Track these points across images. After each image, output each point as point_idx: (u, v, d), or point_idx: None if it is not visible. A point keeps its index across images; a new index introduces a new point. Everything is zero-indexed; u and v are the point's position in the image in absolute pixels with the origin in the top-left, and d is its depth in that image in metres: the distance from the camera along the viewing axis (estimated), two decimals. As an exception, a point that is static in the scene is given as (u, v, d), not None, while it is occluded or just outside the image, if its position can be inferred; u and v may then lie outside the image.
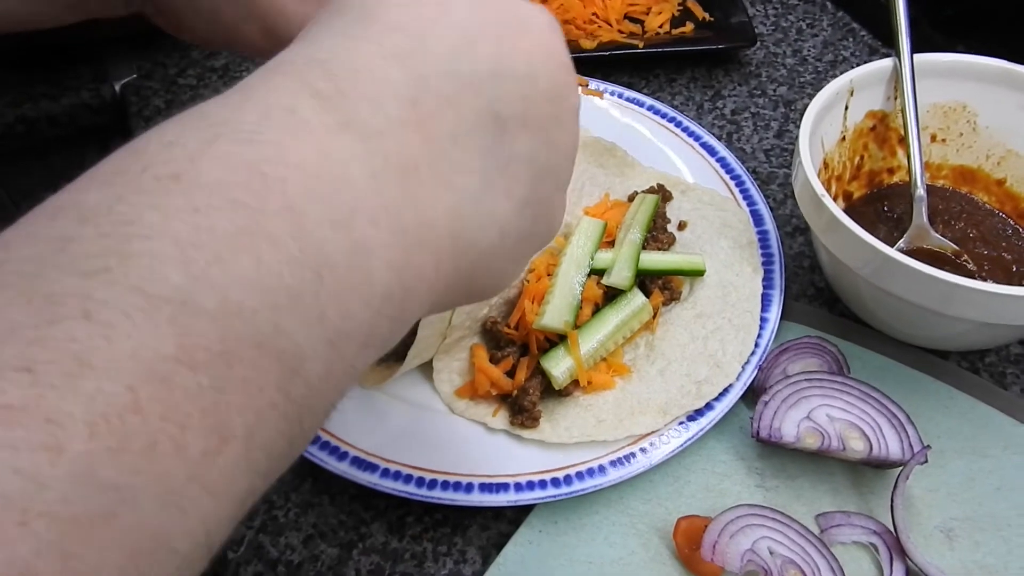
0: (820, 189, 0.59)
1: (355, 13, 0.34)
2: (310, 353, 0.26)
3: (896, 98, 0.69)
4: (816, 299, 0.69)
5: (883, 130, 0.70)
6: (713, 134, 0.82)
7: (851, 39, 0.92)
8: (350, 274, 0.28)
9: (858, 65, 0.88)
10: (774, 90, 0.87)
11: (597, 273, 0.64)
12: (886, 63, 0.68)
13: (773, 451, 0.59)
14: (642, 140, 0.77)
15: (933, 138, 0.71)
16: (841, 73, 0.87)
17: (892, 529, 0.55)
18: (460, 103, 0.33)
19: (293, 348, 0.26)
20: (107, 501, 0.21)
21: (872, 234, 0.67)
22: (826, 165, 0.67)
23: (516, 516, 0.57)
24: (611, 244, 0.66)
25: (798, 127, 0.64)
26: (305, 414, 0.27)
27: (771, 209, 0.74)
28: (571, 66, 0.39)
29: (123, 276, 0.23)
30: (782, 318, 0.65)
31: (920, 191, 0.66)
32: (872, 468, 0.58)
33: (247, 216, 0.25)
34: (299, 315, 0.26)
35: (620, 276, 0.63)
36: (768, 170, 0.79)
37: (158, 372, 0.22)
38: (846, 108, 0.67)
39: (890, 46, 0.90)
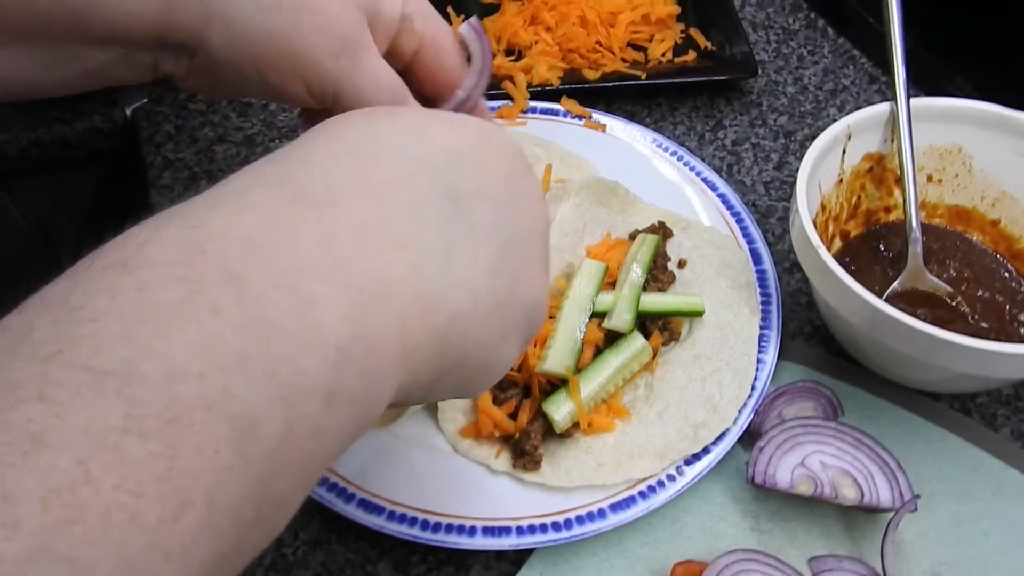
0: (816, 239, 0.60)
1: (310, 133, 0.37)
2: (263, 413, 0.27)
3: (893, 140, 0.70)
4: (813, 336, 0.71)
5: (880, 171, 0.71)
6: (714, 165, 0.83)
7: (852, 67, 0.93)
8: (300, 331, 0.29)
9: (858, 94, 0.89)
10: (775, 120, 0.88)
11: (598, 316, 0.65)
12: (883, 107, 0.69)
13: (768, 494, 0.61)
14: (644, 175, 0.78)
15: (929, 178, 0.72)
16: (841, 102, 0.89)
17: (882, 573, 0.56)
18: (413, 178, 0.35)
19: (245, 408, 0.27)
20: (63, 572, 0.22)
21: (868, 273, 0.70)
22: (823, 207, 0.69)
23: (518, 557, 0.59)
24: (612, 285, 0.68)
25: (798, 159, 0.65)
26: (272, 476, 0.28)
27: (770, 244, 0.75)
28: (524, 155, 0.42)
29: (74, 357, 0.25)
30: (779, 358, 0.67)
31: (915, 234, 0.67)
32: (864, 512, 0.60)
33: (188, 290, 0.27)
34: (248, 375, 0.27)
35: (621, 320, 0.64)
36: (767, 203, 0.81)
37: (107, 443, 0.23)
38: (843, 152, 0.69)
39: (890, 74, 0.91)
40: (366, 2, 0.48)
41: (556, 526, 0.58)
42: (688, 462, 0.61)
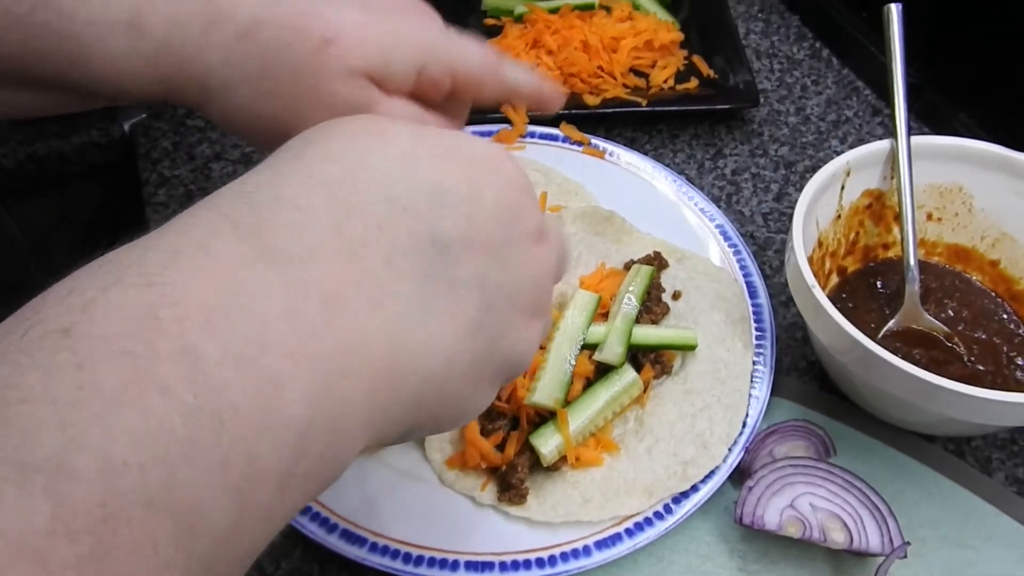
0: (810, 279, 0.60)
1: (295, 148, 0.35)
2: (211, 504, 0.25)
3: (893, 177, 0.69)
4: (807, 372, 0.70)
5: (879, 208, 0.71)
6: (713, 195, 0.83)
7: (855, 98, 0.93)
8: (257, 414, 0.27)
9: (860, 126, 0.89)
10: (775, 150, 0.87)
11: (589, 347, 0.65)
12: (884, 144, 0.68)
13: (756, 534, 0.60)
14: (641, 203, 0.78)
15: (929, 216, 0.71)
16: (843, 134, 0.88)
17: (869, 620, 0.56)
18: (393, 227, 0.33)
19: (190, 502, 0.25)
20: None
21: (865, 310, 0.69)
22: (820, 243, 0.68)
23: (500, 592, 0.58)
24: (605, 315, 0.67)
25: (798, 190, 0.65)
26: (216, 562, 0.26)
27: (767, 277, 0.75)
28: (526, 186, 0.39)
29: None
30: (772, 394, 0.66)
31: (913, 273, 0.66)
32: (853, 556, 0.59)
33: (134, 366, 0.24)
34: (195, 466, 0.25)
35: (612, 352, 0.64)
36: (766, 235, 0.80)
37: (30, 548, 0.21)
38: (842, 188, 0.68)
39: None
40: (374, 67, 0.45)
41: (540, 562, 0.57)
42: (676, 500, 0.60)
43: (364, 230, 0.32)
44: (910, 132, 0.68)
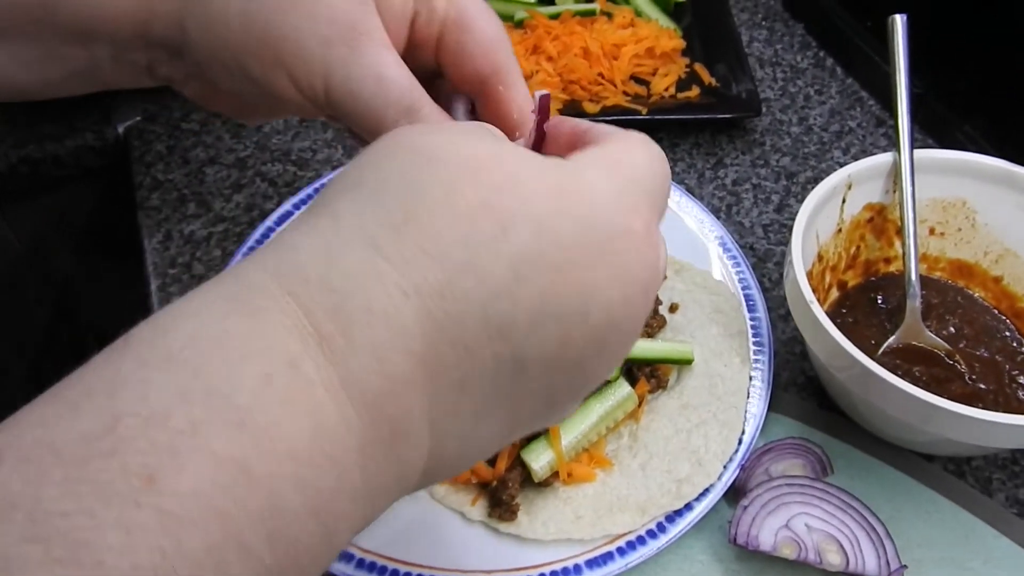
0: (808, 294, 0.58)
1: (389, 206, 0.29)
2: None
3: (895, 191, 0.68)
4: (806, 388, 0.69)
5: (881, 222, 0.69)
6: (712, 205, 0.82)
7: (859, 108, 0.92)
8: (315, 552, 0.27)
9: (864, 137, 0.88)
10: (777, 160, 0.86)
11: (584, 361, 0.64)
12: (885, 157, 0.67)
13: (751, 554, 0.59)
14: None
15: (932, 231, 0.70)
16: (846, 144, 0.87)
17: (865, 645, 0.54)
18: (481, 351, 0.29)
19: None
20: None
21: (865, 326, 0.68)
22: (820, 257, 0.67)
23: (489, 610, 0.57)
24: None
25: (799, 202, 0.63)
26: None
27: (766, 290, 0.73)
28: (650, 286, 0.33)
29: None
30: (770, 410, 0.65)
31: (914, 289, 0.65)
32: (849, 577, 0.58)
33: (222, 528, 0.23)
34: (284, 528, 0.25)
35: (606, 367, 0.63)
36: (765, 247, 0.79)
37: None
38: (843, 201, 0.67)
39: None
40: None
41: (529, 581, 0.56)
42: (670, 518, 0.59)
43: (450, 352, 0.29)
44: (913, 144, 0.66)
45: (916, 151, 0.67)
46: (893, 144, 0.67)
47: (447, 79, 0.47)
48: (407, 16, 0.43)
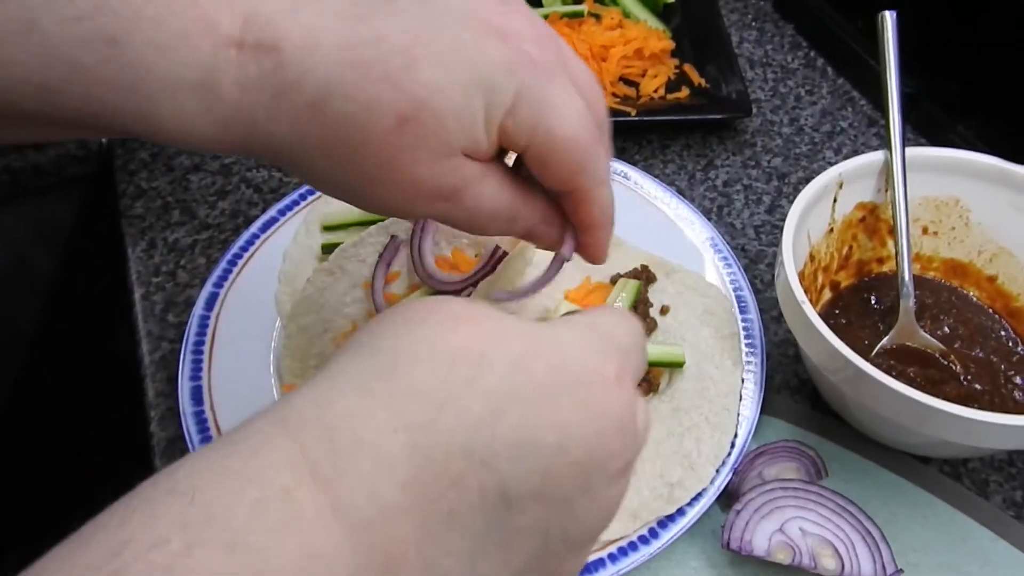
0: (800, 295, 0.57)
1: (381, 359, 0.32)
2: None
3: (887, 190, 0.67)
4: (799, 390, 0.68)
5: (873, 221, 0.68)
6: (703, 207, 0.81)
7: (850, 108, 0.91)
8: None
9: (855, 137, 0.87)
10: (768, 161, 0.85)
11: (573, 365, 0.62)
12: (877, 156, 0.66)
13: (745, 559, 0.58)
14: (629, 215, 0.75)
15: (925, 230, 0.69)
16: (838, 145, 0.86)
17: (861, 651, 0.53)
18: (466, 482, 0.31)
19: None
20: None
21: (859, 327, 0.67)
22: (812, 258, 0.66)
23: (478, 621, 0.56)
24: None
25: (791, 203, 0.62)
26: None
27: (758, 291, 0.73)
28: (627, 424, 0.34)
29: None
30: (762, 412, 0.64)
31: (907, 289, 0.64)
32: (845, 582, 0.57)
33: None
34: None
35: (596, 371, 0.62)
36: (757, 248, 0.78)
37: None
38: (834, 200, 0.66)
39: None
40: (464, 143, 0.40)
41: (518, 590, 0.55)
42: (662, 523, 0.58)
43: (436, 487, 0.30)
44: (905, 143, 0.66)
45: (908, 149, 0.66)
46: (885, 144, 0.66)
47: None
48: (494, 127, 0.41)
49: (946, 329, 0.66)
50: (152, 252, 0.76)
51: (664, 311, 0.70)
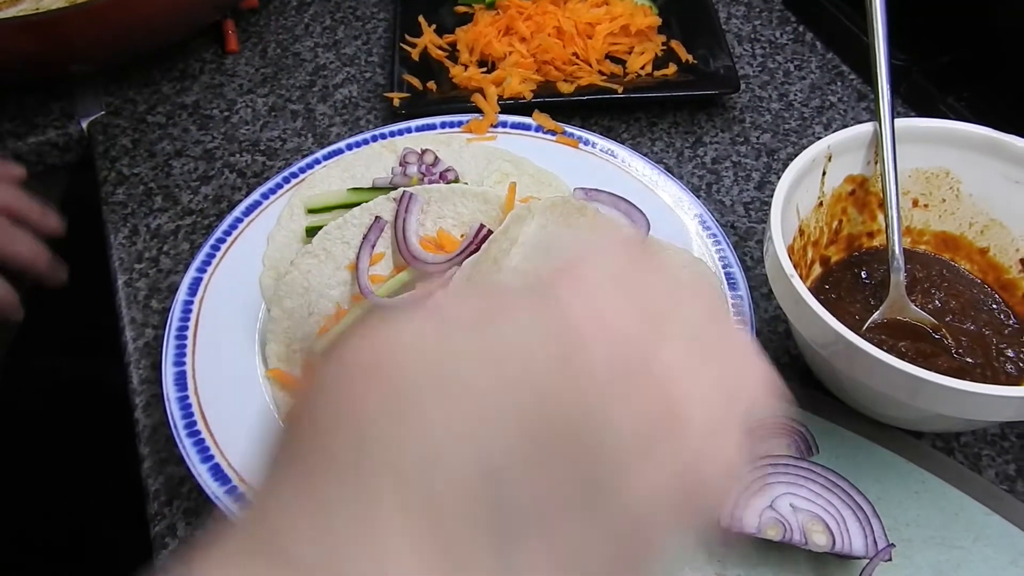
0: (789, 268, 0.57)
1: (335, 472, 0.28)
2: None
3: (877, 162, 0.66)
4: (790, 367, 0.68)
5: (863, 194, 0.68)
6: (692, 184, 0.80)
7: (839, 83, 0.90)
8: None
9: (845, 112, 0.86)
10: (757, 137, 0.85)
11: (560, 345, 0.62)
12: (866, 128, 0.65)
13: (736, 535, 0.57)
14: (618, 193, 0.75)
15: (915, 203, 0.68)
16: (827, 120, 0.85)
17: (854, 627, 0.53)
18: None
19: None
20: None
21: (849, 302, 0.66)
22: (801, 232, 0.65)
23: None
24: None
25: (780, 179, 0.62)
26: None
27: (747, 268, 0.72)
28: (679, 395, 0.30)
29: None
30: (752, 390, 0.63)
31: (898, 263, 0.63)
32: (837, 558, 0.56)
33: None
34: None
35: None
36: (747, 225, 0.77)
37: None
38: (823, 173, 0.65)
39: (879, 92, 0.88)
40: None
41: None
42: (651, 503, 0.57)
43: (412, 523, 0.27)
44: (894, 114, 0.65)
45: (898, 120, 0.65)
46: (875, 118, 0.65)
47: None
48: None
49: (937, 303, 0.66)
50: (135, 239, 0.75)
51: (653, 289, 0.69)
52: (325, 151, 0.76)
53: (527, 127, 0.80)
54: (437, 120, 0.80)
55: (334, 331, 0.64)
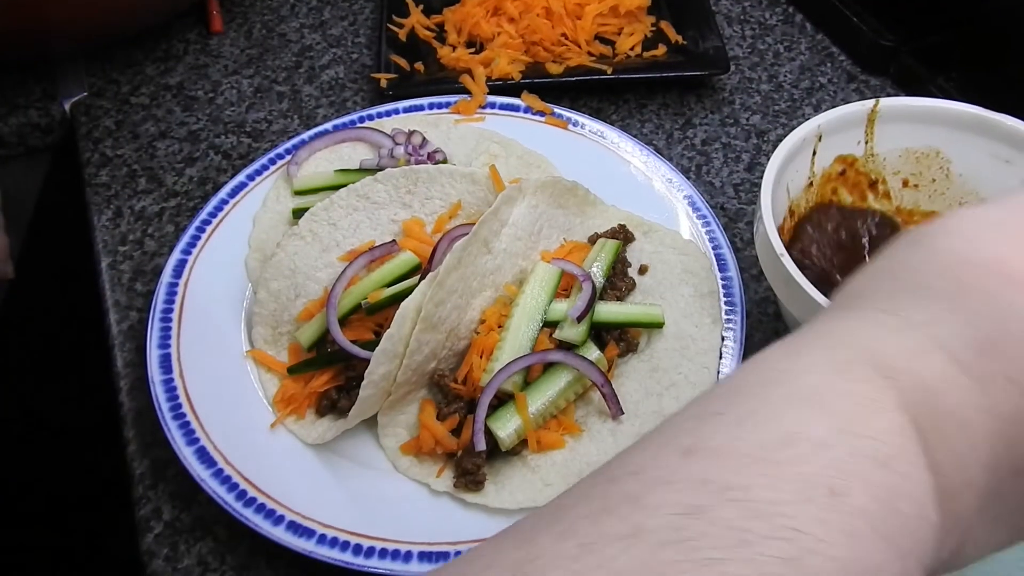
0: (780, 248, 0.56)
1: (974, 326, 0.30)
2: None
3: (867, 142, 0.66)
4: (780, 348, 0.67)
5: (853, 175, 0.67)
6: (682, 166, 0.80)
7: (829, 64, 0.89)
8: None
9: (835, 93, 0.86)
10: (747, 119, 0.84)
11: (550, 325, 0.61)
12: (856, 107, 0.65)
13: None
14: (606, 174, 0.74)
15: (905, 183, 0.68)
16: (817, 101, 0.85)
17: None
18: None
19: None
20: None
21: (840, 282, 0.66)
22: (792, 212, 0.65)
23: (457, 585, 0.55)
24: (568, 292, 0.64)
25: (770, 159, 0.61)
26: None
27: (737, 250, 0.72)
28: None
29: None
30: (743, 371, 0.63)
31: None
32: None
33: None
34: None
35: (574, 331, 0.61)
36: (736, 206, 0.77)
37: None
38: (814, 153, 0.65)
39: (869, 72, 0.87)
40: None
41: (497, 553, 0.54)
42: (642, 484, 0.57)
43: (1007, 480, 0.31)
44: (889, 96, 0.64)
45: (887, 99, 0.65)
46: (866, 98, 0.65)
47: None
48: None
49: (928, 283, 0.66)
50: (119, 221, 0.74)
51: (643, 270, 0.68)
52: (311, 132, 0.76)
53: (516, 108, 0.79)
54: (425, 101, 0.79)
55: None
